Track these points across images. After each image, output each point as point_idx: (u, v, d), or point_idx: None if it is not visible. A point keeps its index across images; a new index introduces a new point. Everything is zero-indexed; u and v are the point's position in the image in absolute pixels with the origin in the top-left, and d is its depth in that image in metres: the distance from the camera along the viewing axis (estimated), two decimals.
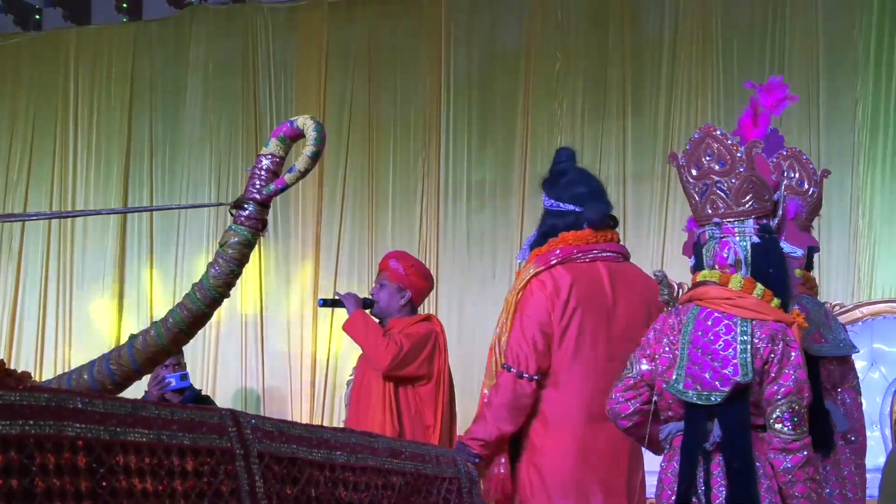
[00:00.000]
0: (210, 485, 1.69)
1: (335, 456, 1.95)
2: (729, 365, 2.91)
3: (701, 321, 2.99)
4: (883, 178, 6.57)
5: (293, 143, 2.41)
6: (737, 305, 2.99)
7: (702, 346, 2.96)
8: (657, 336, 3.07)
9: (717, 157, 3.09)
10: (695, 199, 3.12)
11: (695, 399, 2.93)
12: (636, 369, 3.07)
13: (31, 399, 1.46)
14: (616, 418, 3.11)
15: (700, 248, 3.10)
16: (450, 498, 2.21)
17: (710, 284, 3.03)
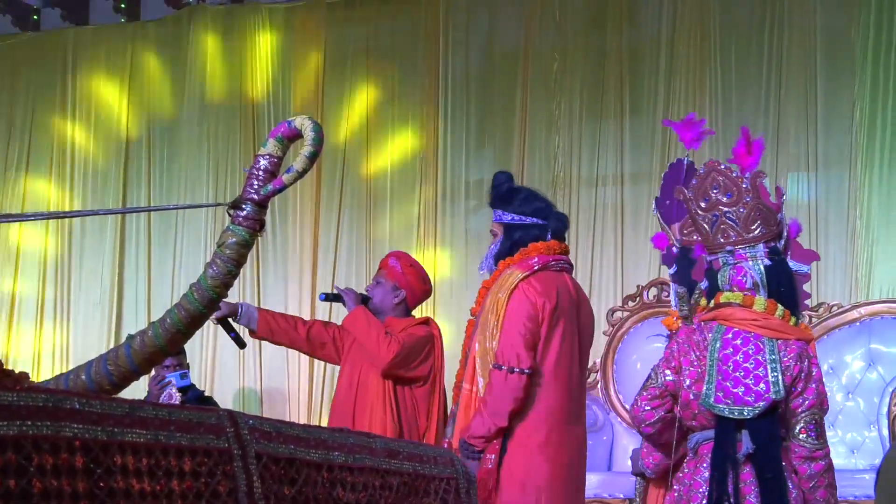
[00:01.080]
0: (207, 485, 1.69)
1: (333, 456, 1.95)
2: (761, 382, 3.18)
3: (729, 340, 3.24)
4: (880, 179, 6.57)
5: (291, 143, 2.41)
6: (763, 326, 3.25)
7: (732, 364, 3.22)
8: (682, 349, 3.30)
9: (724, 190, 3.34)
10: (705, 229, 3.38)
11: (726, 413, 3.17)
12: (661, 380, 3.30)
13: (29, 399, 1.46)
14: (641, 424, 3.33)
15: (713, 273, 3.37)
16: (447, 498, 2.21)
17: (735, 306, 3.29)
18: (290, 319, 5.02)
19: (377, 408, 4.76)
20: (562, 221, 4.11)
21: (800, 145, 6.74)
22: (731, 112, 6.90)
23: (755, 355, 3.24)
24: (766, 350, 3.25)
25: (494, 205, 4.14)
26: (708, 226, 3.38)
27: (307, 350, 5.15)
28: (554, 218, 4.08)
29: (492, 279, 4.02)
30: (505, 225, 4.10)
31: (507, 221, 4.10)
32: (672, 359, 3.32)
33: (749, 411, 3.17)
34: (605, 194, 7.12)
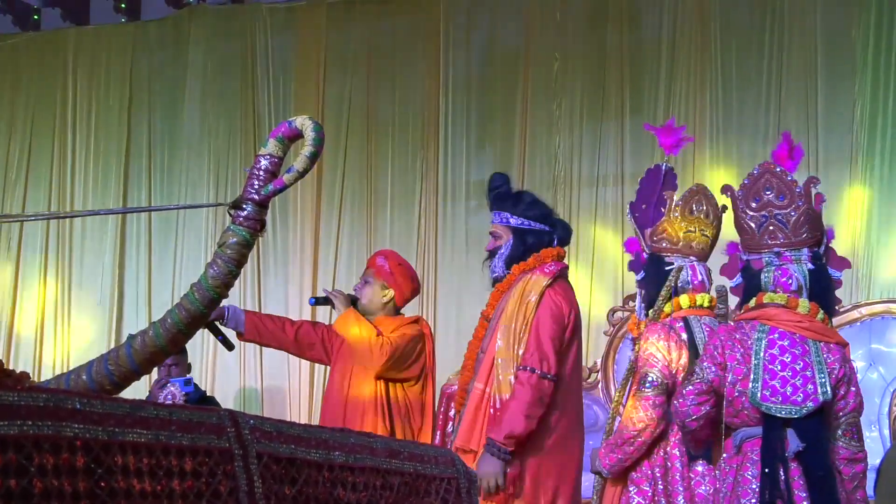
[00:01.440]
0: (208, 485, 1.69)
1: (334, 456, 1.95)
2: (809, 383, 3.28)
3: (775, 340, 3.33)
4: (881, 178, 6.57)
5: (291, 143, 2.41)
6: (807, 328, 3.35)
7: (780, 363, 3.30)
8: (726, 346, 3.35)
9: (778, 192, 3.45)
10: (751, 227, 3.46)
11: (774, 411, 3.26)
12: (707, 376, 3.34)
13: (30, 399, 1.46)
14: (687, 419, 3.37)
15: (752, 272, 3.45)
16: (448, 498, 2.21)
17: (779, 307, 3.37)
18: (277, 321, 5.01)
19: (368, 408, 4.75)
20: (567, 230, 4.18)
21: (800, 144, 6.73)
22: (732, 112, 6.89)
23: (802, 356, 3.32)
24: (811, 352, 3.33)
25: (499, 206, 4.13)
26: (755, 225, 3.45)
27: (295, 351, 5.13)
28: (560, 226, 4.14)
29: (507, 282, 4.03)
30: (513, 228, 4.10)
31: (515, 225, 4.10)
32: (717, 356, 3.36)
33: (796, 411, 3.26)
34: (605, 194, 7.11)
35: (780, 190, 3.47)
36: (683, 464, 3.66)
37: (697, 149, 6.89)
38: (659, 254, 3.88)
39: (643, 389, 3.64)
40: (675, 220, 3.88)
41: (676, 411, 3.40)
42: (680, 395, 3.39)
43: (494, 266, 4.09)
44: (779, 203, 3.45)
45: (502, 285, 4.03)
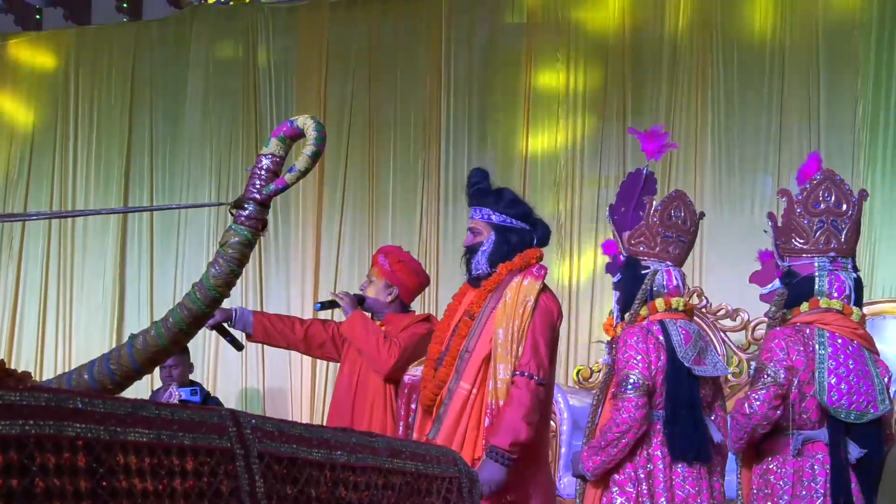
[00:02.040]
0: (210, 485, 1.69)
1: (335, 456, 1.95)
2: (872, 390, 3.40)
3: (838, 346, 3.43)
4: (883, 178, 6.57)
5: (293, 142, 2.40)
6: (860, 336, 3.48)
7: (844, 369, 3.40)
8: (791, 350, 3.42)
9: (836, 199, 3.55)
10: (808, 231, 3.54)
11: (842, 416, 3.36)
12: (779, 378, 3.40)
13: (31, 399, 1.46)
14: (764, 421, 3.40)
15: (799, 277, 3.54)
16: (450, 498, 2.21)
17: (837, 313, 3.48)
18: (286, 321, 4.99)
19: (377, 408, 4.75)
20: (547, 230, 4.10)
21: (802, 144, 6.73)
22: (734, 111, 6.89)
23: (863, 364, 3.43)
24: (868, 360, 3.46)
25: (479, 202, 4.05)
26: (813, 229, 3.54)
27: (305, 350, 5.13)
28: (541, 225, 4.07)
29: (493, 282, 3.95)
30: (495, 226, 4.03)
31: (497, 222, 4.03)
32: (785, 358, 3.42)
33: (859, 416, 3.37)
34: (607, 195, 7.11)
35: (838, 197, 3.56)
36: (666, 465, 3.71)
37: (699, 148, 6.89)
38: (636, 257, 3.92)
39: (626, 391, 3.67)
40: (654, 225, 3.92)
41: (752, 414, 3.40)
42: (754, 399, 3.40)
43: (477, 263, 4.00)
44: (837, 210, 3.54)
45: (489, 284, 3.95)
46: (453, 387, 3.87)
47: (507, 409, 3.77)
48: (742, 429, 3.45)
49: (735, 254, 6.78)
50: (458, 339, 3.93)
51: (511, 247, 3.98)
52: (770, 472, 3.49)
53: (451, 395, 3.86)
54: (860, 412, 3.36)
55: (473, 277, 4.02)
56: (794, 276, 3.57)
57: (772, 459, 3.48)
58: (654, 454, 3.69)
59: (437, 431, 3.84)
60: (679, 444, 3.65)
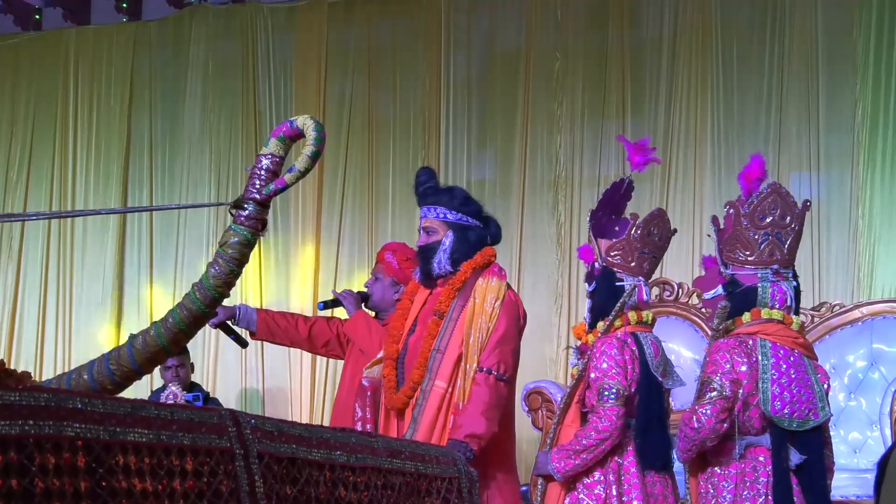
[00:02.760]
0: (209, 485, 1.69)
1: (335, 456, 1.95)
2: (813, 398, 3.55)
3: (780, 356, 3.53)
4: (882, 178, 6.57)
5: (293, 142, 2.40)
6: (801, 345, 3.60)
7: (786, 378, 3.51)
8: (735, 361, 3.52)
9: (782, 212, 3.63)
10: (752, 244, 3.61)
11: (785, 424, 3.49)
12: (726, 391, 3.49)
13: (31, 399, 1.46)
14: (712, 434, 3.50)
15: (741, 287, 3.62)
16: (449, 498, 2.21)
17: (777, 323, 3.58)
18: (290, 318, 4.99)
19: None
20: (499, 228, 4.14)
21: (801, 145, 6.74)
22: (733, 111, 6.89)
23: (804, 372, 3.56)
24: (809, 368, 3.59)
25: (433, 201, 4.04)
26: (758, 241, 3.62)
27: (308, 348, 5.12)
28: (493, 223, 4.10)
29: (459, 281, 3.95)
30: (451, 224, 4.01)
31: (453, 220, 4.02)
32: (731, 371, 3.51)
33: (799, 424, 3.51)
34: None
35: (784, 210, 3.63)
36: (639, 470, 3.84)
37: (699, 148, 6.89)
38: (611, 269, 4.03)
39: (608, 400, 3.80)
40: (634, 240, 4.03)
41: (700, 427, 3.49)
42: (702, 414, 3.49)
43: (439, 262, 3.98)
44: (782, 223, 3.62)
45: (455, 283, 3.95)
46: (427, 387, 3.86)
47: (468, 405, 3.80)
48: (691, 441, 3.54)
49: None
50: (429, 339, 3.92)
51: (470, 245, 3.99)
52: (715, 475, 3.61)
53: (426, 394, 3.86)
54: (802, 420, 3.51)
55: (433, 276, 4.00)
56: (737, 285, 3.66)
57: (716, 464, 3.61)
58: (627, 461, 3.83)
59: (414, 432, 3.84)
60: (650, 453, 3.82)
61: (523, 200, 7.24)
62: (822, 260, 6.59)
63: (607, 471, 3.82)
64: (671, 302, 6.36)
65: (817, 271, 6.58)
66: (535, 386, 6.06)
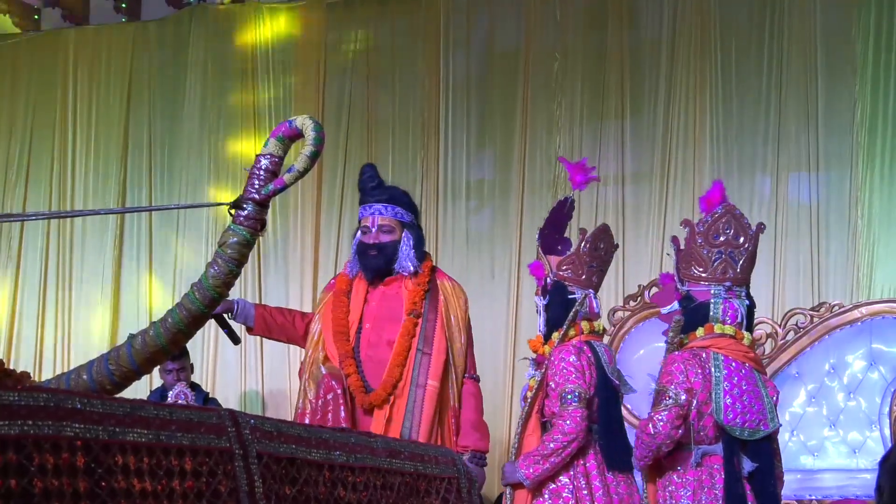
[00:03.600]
0: (209, 485, 1.69)
1: (334, 456, 1.95)
2: (763, 409, 3.73)
3: (732, 369, 3.73)
4: (881, 178, 6.57)
5: (292, 143, 2.41)
6: (751, 359, 3.79)
7: (738, 389, 3.70)
8: (688, 372, 3.71)
9: (735, 232, 3.83)
10: (705, 261, 3.81)
11: (737, 433, 3.67)
12: (680, 400, 3.68)
13: (30, 399, 1.46)
14: (668, 440, 3.68)
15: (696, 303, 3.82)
16: (449, 498, 2.21)
17: (729, 338, 3.77)
18: (287, 315, 4.98)
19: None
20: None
21: (800, 145, 6.74)
22: (732, 111, 6.89)
23: (755, 385, 3.76)
24: (759, 381, 3.80)
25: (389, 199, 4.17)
26: (712, 259, 3.82)
27: (305, 345, 5.12)
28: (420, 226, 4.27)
29: (424, 280, 4.07)
30: (406, 224, 4.14)
31: (408, 221, 4.16)
32: (685, 381, 3.70)
33: (750, 433, 3.69)
34: (605, 194, 7.11)
35: (737, 231, 3.85)
36: (602, 472, 3.97)
37: (698, 148, 6.89)
38: (563, 282, 4.23)
39: (570, 403, 3.95)
40: (583, 255, 4.25)
41: (657, 433, 3.67)
42: (658, 420, 3.68)
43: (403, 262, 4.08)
44: (735, 243, 3.84)
45: (422, 283, 4.05)
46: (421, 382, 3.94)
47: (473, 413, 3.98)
48: (647, 447, 3.72)
49: None
50: (407, 338, 3.99)
51: (423, 246, 4.16)
52: (672, 483, 3.78)
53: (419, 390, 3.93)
54: (752, 429, 3.71)
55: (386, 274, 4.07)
56: (692, 300, 3.86)
57: (673, 472, 3.78)
58: (590, 463, 3.98)
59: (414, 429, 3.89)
60: (615, 454, 3.98)
61: (523, 200, 7.24)
62: (821, 260, 6.58)
63: (575, 475, 3.97)
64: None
65: (817, 271, 6.58)
66: None
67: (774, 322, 6.26)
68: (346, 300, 4.07)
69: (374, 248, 4.04)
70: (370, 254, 4.07)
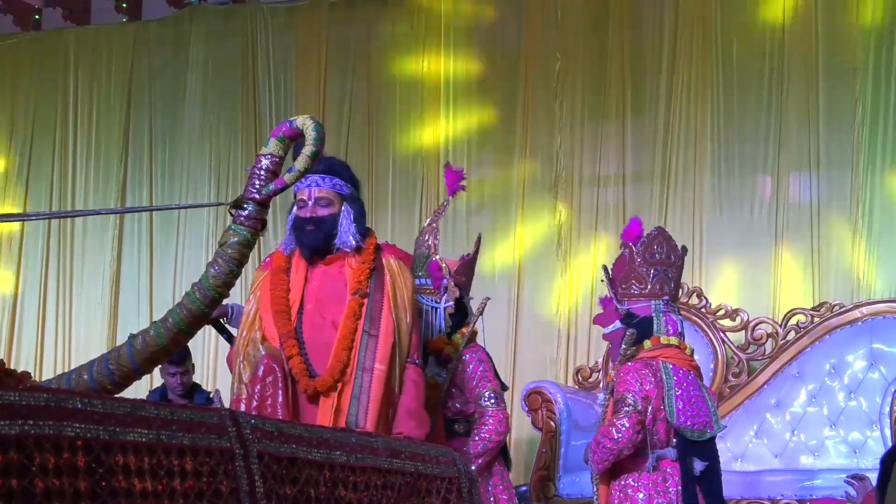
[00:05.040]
0: (209, 485, 1.69)
1: (335, 456, 1.95)
2: (708, 412, 4.05)
3: (680, 376, 4.04)
4: (882, 178, 6.56)
5: (292, 142, 2.41)
6: (693, 367, 4.14)
7: (687, 395, 4.01)
8: (642, 380, 4.00)
9: (668, 252, 4.23)
10: (645, 279, 4.18)
11: (688, 435, 3.98)
12: (638, 406, 3.94)
13: (31, 399, 1.46)
14: (630, 444, 3.93)
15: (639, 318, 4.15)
16: (449, 498, 2.21)
17: (674, 348, 4.11)
18: None
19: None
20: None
21: (801, 144, 6.73)
22: (733, 111, 6.89)
23: (699, 390, 4.09)
24: (701, 387, 4.12)
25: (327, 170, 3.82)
26: (650, 277, 4.18)
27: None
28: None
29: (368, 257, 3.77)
30: (346, 197, 3.84)
31: (347, 193, 3.86)
32: (641, 389, 3.98)
33: (699, 435, 4.00)
34: (606, 194, 7.11)
35: (668, 251, 4.23)
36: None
37: (698, 148, 6.89)
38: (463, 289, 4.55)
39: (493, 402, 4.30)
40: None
41: (620, 438, 3.92)
42: (621, 426, 3.93)
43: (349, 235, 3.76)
44: (668, 261, 4.22)
45: (366, 260, 3.76)
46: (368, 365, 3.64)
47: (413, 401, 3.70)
48: (610, 452, 3.95)
49: (734, 254, 6.78)
50: (353, 319, 3.69)
51: (365, 220, 3.86)
52: (629, 486, 4.02)
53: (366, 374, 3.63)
54: (700, 431, 4.00)
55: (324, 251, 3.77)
56: (634, 317, 4.17)
57: (628, 475, 4.03)
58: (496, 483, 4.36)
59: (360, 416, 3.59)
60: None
61: (523, 200, 7.24)
62: (822, 260, 6.58)
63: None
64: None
65: (817, 271, 6.58)
66: (535, 386, 6.06)
67: (775, 322, 6.26)
68: (285, 278, 3.76)
69: (311, 223, 3.74)
70: (307, 229, 3.74)
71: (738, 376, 6.19)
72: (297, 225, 3.78)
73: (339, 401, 3.61)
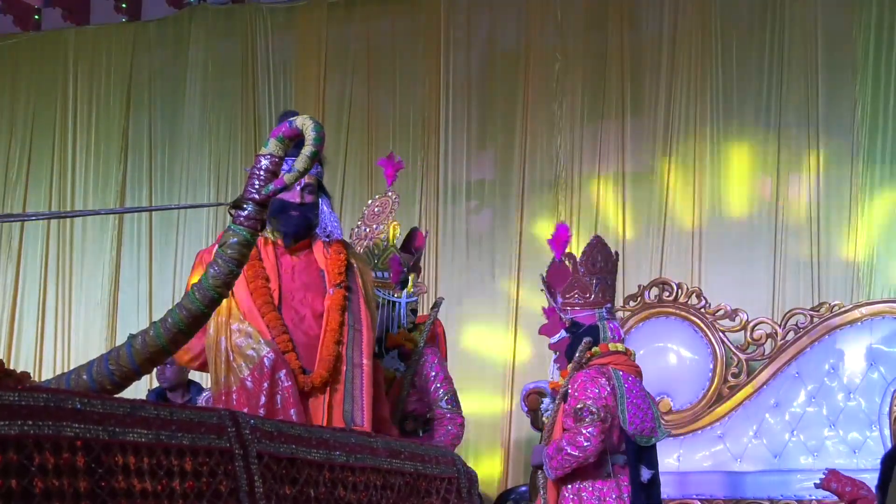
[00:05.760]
0: (209, 485, 1.69)
1: (334, 456, 1.95)
2: (654, 417, 4.14)
3: (629, 383, 4.11)
4: (882, 178, 6.57)
5: (292, 143, 2.40)
6: (638, 373, 4.20)
7: (636, 401, 4.09)
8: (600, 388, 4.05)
9: (605, 260, 4.32)
10: (589, 288, 4.25)
11: (639, 441, 4.05)
12: (601, 414, 3.98)
13: (30, 399, 1.46)
14: (596, 451, 3.98)
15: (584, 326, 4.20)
16: (449, 498, 2.21)
17: (621, 354, 4.18)
18: None
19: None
20: None
21: (801, 145, 6.74)
22: (733, 111, 6.89)
23: (644, 396, 4.17)
24: (645, 393, 4.19)
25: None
26: (593, 286, 4.26)
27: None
28: None
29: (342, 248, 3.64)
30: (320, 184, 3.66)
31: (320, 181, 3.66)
32: (600, 397, 4.02)
33: (646, 441, 4.09)
34: (606, 194, 7.11)
35: (606, 258, 4.33)
36: None
37: (698, 148, 6.89)
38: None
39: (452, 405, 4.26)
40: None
41: (588, 446, 3.95)
42: (589, 434, 3.96)
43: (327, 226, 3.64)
44: (606, 268, 4.32)
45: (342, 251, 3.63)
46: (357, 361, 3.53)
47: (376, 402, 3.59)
48: (574, 460, 3.99)
49: (734, 254, 6.78)
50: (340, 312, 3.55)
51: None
52: (583, 490, 4.07)
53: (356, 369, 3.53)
54: (647, 437, 4.09)
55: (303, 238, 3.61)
56: (579, 326, 4.22)
57: (582, 481, 4.07)
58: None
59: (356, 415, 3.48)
60: None
61: (523, 200, 7.24)
62: (822, 260, 6.58)
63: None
64: (670, 302, 6.35)
65: (817, 271, 6.58)
66: (534, 386, 6.04)
67: (774, 322, 6.26)
68: (262, 266, 3.57)
69: (297, 209, 3.56)
70: (292, 213, 3.55)
71: (738, 376, 6.19)
72: (281, 208, 3.56)
73: (331, 398, 3.49)
